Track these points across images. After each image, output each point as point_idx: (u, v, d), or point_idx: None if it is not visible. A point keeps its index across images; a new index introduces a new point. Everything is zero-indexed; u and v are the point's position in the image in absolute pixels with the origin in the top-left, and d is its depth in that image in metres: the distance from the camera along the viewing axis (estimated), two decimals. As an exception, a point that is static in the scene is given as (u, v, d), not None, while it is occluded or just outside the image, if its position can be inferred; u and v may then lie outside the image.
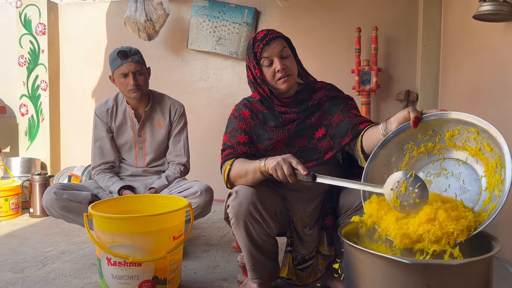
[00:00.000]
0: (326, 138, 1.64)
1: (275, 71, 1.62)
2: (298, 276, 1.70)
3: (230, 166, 1.57)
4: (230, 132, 1.68)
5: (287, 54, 1.63)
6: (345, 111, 1.63)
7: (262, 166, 1.43)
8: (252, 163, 1.49)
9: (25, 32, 3.94)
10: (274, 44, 1.61)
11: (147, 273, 1.67)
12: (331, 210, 1.67)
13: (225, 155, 1.63)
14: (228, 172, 1.57)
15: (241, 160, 1.57)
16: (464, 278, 1.03)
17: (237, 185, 1.56)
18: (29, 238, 2.68)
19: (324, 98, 1.69)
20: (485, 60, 2.13)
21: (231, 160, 1.59)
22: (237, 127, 1.68)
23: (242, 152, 1.61)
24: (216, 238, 2.63)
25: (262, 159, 1.45)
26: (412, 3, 3.32)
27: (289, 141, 1.67)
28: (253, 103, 1.74)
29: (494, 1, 1.65)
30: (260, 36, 1.64)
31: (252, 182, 1.52)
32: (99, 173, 2.40)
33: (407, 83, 3.36)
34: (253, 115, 1.70)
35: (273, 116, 1.69)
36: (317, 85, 1.75)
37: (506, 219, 1.82)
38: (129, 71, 2.26)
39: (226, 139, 1.68)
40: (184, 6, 3.75)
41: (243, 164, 1.53)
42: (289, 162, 1.35)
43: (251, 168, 1.49)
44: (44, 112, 3.96)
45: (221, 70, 3.73)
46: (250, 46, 1.67)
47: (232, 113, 1.75)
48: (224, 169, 1.59)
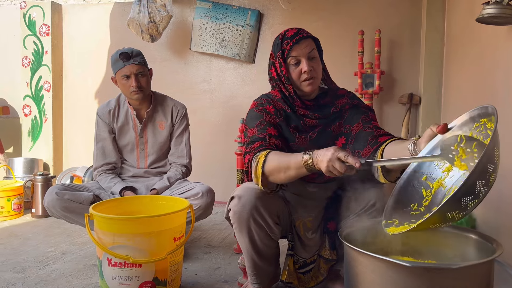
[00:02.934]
0: (346, 149, 1.60)
1: (301, 72, 1.56)
2: (300, 280, 1.69)
3: (264, 157, 1.42)
4: (257, 126, 1.56)
5: (315, 56, 1.58)
6: (365, 122, 1.57)
7: (309, 160, 1.30)
8: (294, 156, 1.35)
9: (29, 33, 3.96)
10: (304, 44, 1.55)
11: (147, 274, 1.66)
12: (334, 214, 1.65)
13: (255, 148, 1.48)
14: (263, 164, 1.41)
15: (277, 152, 1.44)
16: (465, 281, 1.02)
17: (274, 179, 1.43)
18: (30, 238, 2.68)
19: (347, 106, 1.64)
20: (488, 63, 2.12)
21: (265, 151, 1.45)
22: (264, 120, 1.57)
23: (274, 145, 1.49)
24: (217, 240, 2.63)
25: (307, 153, 1.32)
26: (415, 6, 3.31)
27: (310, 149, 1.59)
28: (275, 100, 1.65)
29: (498, 4, 1.65)
30: (290, 34, 1.58)
31: (295, 177, 1.38)
32: (101, 174, 2.40)
33: (410, 86, 3.36)
34: (276, 111, 1.61)
35: (296, 117, 1.62)
36: (340, 92, 1.70)
37: (508, 222, 1.81)
38: (131, 73, 2.27)
39: (254, 132, 1.55)
40: (187, 8, 3.76)
41: (282, 157, 1.39)
42: (338, 158, 1.22)
43: (293, 162, 1.35)
44: (47, 113, 3.98)
45: (224, 72, 3.74)
46: (278, 43, 1.60)
47: (254, 107, 1.64)
48: (257, 161, 1.43)
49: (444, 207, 0.99)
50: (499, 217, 1.91)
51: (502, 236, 1.82)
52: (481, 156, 0.97)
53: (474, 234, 1.24)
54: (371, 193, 1.55)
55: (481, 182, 1.00)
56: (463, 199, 1.00)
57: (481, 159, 0.97)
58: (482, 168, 0.99)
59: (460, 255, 1.27)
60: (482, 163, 0.98)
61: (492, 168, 1.01)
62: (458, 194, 0.98)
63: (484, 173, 1.00)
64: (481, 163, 0.97)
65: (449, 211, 1.01)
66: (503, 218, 1.87)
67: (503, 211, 1.86)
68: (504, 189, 1.85)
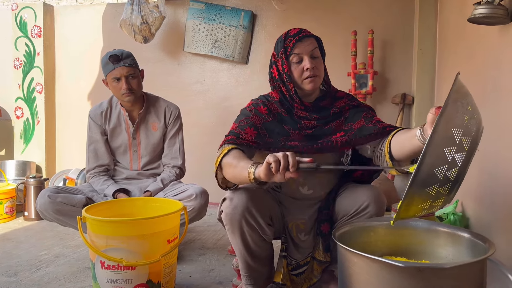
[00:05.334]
0: (344, 138, 1.58)
1: (303, 69, 1.56)
2: (293, 282, 1.68)
3: (227, 151, 1.47)
4: (240, 122, 1.60)
5: (317, 55, 1.59)
6: (367, 118, 1.59)
7: (251, 172, 1.31)
8: (246, 161, 1.39)
9: (21, 34, 3.94)
10: (307, 42, 1.57)
11: (141, 277, 1.65)
12: (328, 216, 1.65)
13: (226, 140, 1.54)
14: (223, 156, 1.47)
15: (240, 152, 1.47)
16: (458, 281, 1.02)
17: (226, 173, 1.46)
18: (23, 241, 2.66)
19: (347, 107, 1.65)
20: (480, 62, 2.13)
21: (231, 146, 1.49)
22: (249, 119, 1.60)
23: (246, 140, 1.52)
24: (211, 242, 2.62)
25: (255, 164, 1.32)
26: (408, 6, 3.33)
27: (304, 142, 1.58)
28: (272, 102, 1.66)
29: (489, 4, 1.65)
30: (293, 32, 1.59)
31: (238, 178, 1.40)
32: (93, 176, 2.38)
33: (403, 86, 3.37)
34: (270, 113, 1.63)
35: (292, 120, 1.62)
36: (339, 94, 1.71)
37: (499, 221, 1.82)
38: (121, 75, 2.25)
39: (234, 127, 1.60)
40: (180, 9, 3.75)
41: (239, 156, 1.43)
42: (292, 153, 1.21)
43: (241, 164, 1.38)
44: (39, 115, 3.95)
45: (218, 73, 3.73)
46: (281, 41, 1.61)
47: (248, 106, 1.67)
48: (221, 152, 1.49)
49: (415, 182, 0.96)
50: (493, 216, 1.92)
51: (495, 235, 1.83)
52: (435, 125, 0.94)
53: (466, 233, 1.24)
54: (364, 195, 1.56)
55: (451, 148, 0.97)
56: (435, 170, 0.97)
57: (435, 127, 0.94)
58: (443, 135, 0.96)
59: (453, 254, 1.27)
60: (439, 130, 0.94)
61: (460, 132, 0.97)
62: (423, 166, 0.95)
63: (450, 138, 0.97)
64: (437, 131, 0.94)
65: (426, 185, 0.98)
66: (496, 217, 1.88)
67: (496, 209, 1.87)
68: (497, 187, 1.87)
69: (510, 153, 1.65)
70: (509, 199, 1.71)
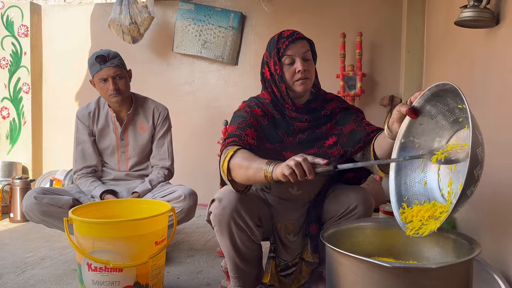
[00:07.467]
0: (337, 146, 1.60)
1: (295, 71, 1.56)
2: (281, 283, 1.68)
3: (233, 152, 1.42)
4: (239, 124, 1.56)
5: (309, 58, 1.60)
6: (357, 121, 1.61)
7: (268, 171, 1.29)
8: (259, 160, 1.35)
9: (7, 34, 3.88)
10: (300, 45, 1.57)
11: (128, 279, 1.64)
12: (316, 217, 1.65)
13: (228, 142, 1.49)
14: (230, 158, 1.41)
15: (248, 152, 1.43)
16: (444, 281, 1.03)
17: (236, 176, 1.41)
18: (8, 243, 2.62)
19: (337, 110, 1.67)
20: (466, 65, 2.16)
21: (236, 147, 1.45)
22: (248, 120, 1.57)
23: (249, 144, 1.49)
24: (200, 243, 2.61)
25: (270, 163, 1.30)
26: (396, 9, 3.35)
27: (298, 150, 1.55)
28: (264, 104, 1.65)
29: (475, 7, 1.67)
30: (286, 34, 1.59)
31: (253, 179, 1.37)
32: (81, 177, 2.36)
33: (391, 88, 3.40)
34: (265, 115, 1.63)
35: (285, 122, 1.63)
36: (329, 96, 1.73)
37: (486, 222, 1.84)
38: (108, 76, 2.23)
39: (232, 129, 1.55)
40: (169, 9, 3.73)
41: (249, 156, 1.39)
42: (305, 158, 1.22)
43: (255, 165, 1.34)
44: (26, 115, 3.90)
45: (207, 74, 3.72)
46: (274, 42, 1.61)
47: (242, 108, 1.64)
48: (226, 154, 1.43)
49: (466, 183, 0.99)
50: (479, 216, 1.94)
51: (481, 235, 1.85)
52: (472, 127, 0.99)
53: (453, 234, 1.26)
54: (353, 197, 1.57)
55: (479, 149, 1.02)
56: (475, 170, 1.01)
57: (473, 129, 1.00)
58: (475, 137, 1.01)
59: (440, 255, 1.28)
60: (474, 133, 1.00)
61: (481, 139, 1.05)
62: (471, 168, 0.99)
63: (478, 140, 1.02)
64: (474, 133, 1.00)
65: (469, 186, 1.02)
66: (483, 218, 1.90)
67: (483, 211, 1.88)
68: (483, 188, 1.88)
69: (497, 155, 1.67)
70: (495, 200, 1.73)
